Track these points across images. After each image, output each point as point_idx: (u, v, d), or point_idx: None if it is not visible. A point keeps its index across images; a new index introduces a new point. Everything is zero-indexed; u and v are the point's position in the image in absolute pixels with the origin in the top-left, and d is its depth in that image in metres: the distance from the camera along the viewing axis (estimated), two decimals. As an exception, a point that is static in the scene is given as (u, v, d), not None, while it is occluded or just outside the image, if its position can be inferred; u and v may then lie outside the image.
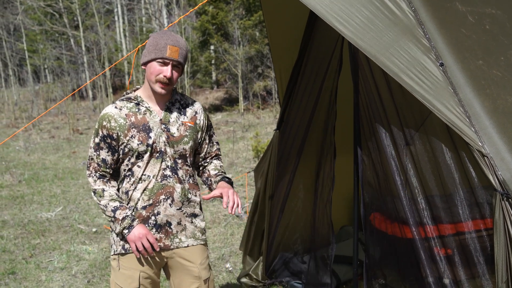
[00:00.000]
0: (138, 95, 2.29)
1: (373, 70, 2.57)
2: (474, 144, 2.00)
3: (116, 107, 2.25)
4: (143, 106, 2.26)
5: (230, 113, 16.04)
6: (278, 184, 3.67)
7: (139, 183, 2.24)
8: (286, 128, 3.61)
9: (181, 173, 2.29)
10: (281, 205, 3.74)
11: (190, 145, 2.30)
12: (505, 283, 1.95)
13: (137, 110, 2.25)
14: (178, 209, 2.27)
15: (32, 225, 5.80)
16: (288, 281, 3.78)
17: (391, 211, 2.77)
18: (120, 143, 2.22)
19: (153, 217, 2.25)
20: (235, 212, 2.18)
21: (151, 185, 2.24)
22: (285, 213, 3.77)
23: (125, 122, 2.22)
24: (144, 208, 2.24)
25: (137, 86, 2.36)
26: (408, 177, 2.50)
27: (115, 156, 2.26)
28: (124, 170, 2.27)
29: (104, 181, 2.26)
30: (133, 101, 2.27)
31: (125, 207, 2.22)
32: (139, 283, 2.26)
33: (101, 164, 2.25)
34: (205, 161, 2.47)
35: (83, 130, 14.85)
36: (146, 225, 2.24)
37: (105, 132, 2.22)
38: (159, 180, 2.24)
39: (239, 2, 16.24)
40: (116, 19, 23.71)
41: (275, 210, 3.73)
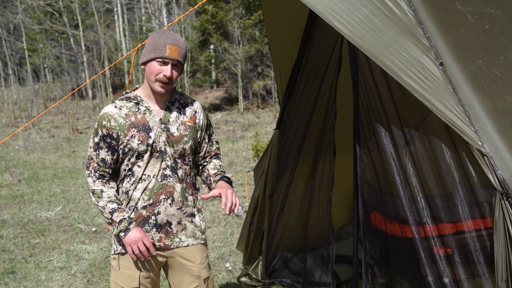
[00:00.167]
0: (138, 94, 2.29)
1: (373, 69, 2.57)
2: (474, 144, 2.00)
3: (115, 107, 2.25)
4: (142, 105, 2.26)
5: (230, 112, 16.05)
6: (277, 183, 3.67)
7: (139, 183, 2.24)
8: (286, 127, 3.61)
9: (181, 172, 2.29)
10: (280, 204, 3.74)
11: (189, 144, 2.30)
12: (505, 282, 1.95)
13: (136, 110, 2.25)
14: (178, 209, 2.28)
15: (32, 225, 5.80)
16: (287, 282, 3.78)
17: (391, 211, 2.77)
18: (120, 142, 2.22)
19: (153, 217, 2.25)
20: (233, 212, 2.18)
21: (151, 185, 2.23)
22: (284, 212, 3.77)
23: (125, 122, 2.22)
24: (144, 208, 2.24)
25: (136, 86, 2.36)
26: (407, 176, 2.50)
27: (114, 156, 2.26)
28: (124, 170, 2.27)
29: (103, 181, 2.26)
30: (132, 100, 2.27)
31: (122, 209, 2.21)
32: (139, 282, 2.26)
33: (100, 164, 2.25)
34: (204, 161, 2.47)
35: (82, 130, 14.85)
36: (146, 225, 2.25)
37: (104, 132, 2.22)
38: (159, 180, 2.24)
39: (239, 1, 16.23)
40: (115, 18, 23.71)
41: (275, 209, 3.73)
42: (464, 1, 2.30)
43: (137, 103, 2.26)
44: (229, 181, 2.35)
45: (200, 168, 2.49)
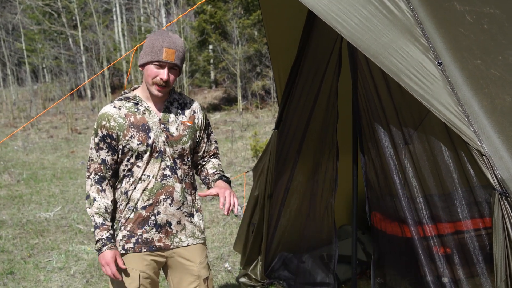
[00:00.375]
0: (137, 94, 2.29)
1: (372, 69, 2.58)
2: (473, 143, 2.00)
3: (115, 107, 2.25)
4: (142, 106, 2.26)
5: (229, 112, 16.05)
6: (277, 183, 3.67)
7: (139, 183, 2.24)
8: (285, 127, 3.61)
9: (180, 172, 2.29)
10: (280, 204, 3.74)
11: (189, 144, 2.30)
12: (504, 282, 1.96)
13: (136, 110, 2.25)
14: (177, 209, 2.28)
15: (31, 225, 5.79)
16: (287, 282, 3.78)
17: (390, 210, 2.77)
18: (119, 143, 2.22)
19: (153, 217, 2.25)
20: (231, 213, 2.18)
21: (151, 185, 2.23)
22: (284, 212, 3.77)
23: (124, 122, 2.22)
24: (144, 208, 2.24)
25: (135, 86, 2.36)
26: (407, 176, 2.50)
27: (115, 156, 2.25)
28: (123, 171, 2.27)
29: (100, 188, 2.25)
30: (131, 100, 2.27)
31: (105, 227, 2.21)
32: (139, 283, 2.26)
33: (101, 165, 2.24)
34: (203, 160, 2.47)
35: (81, 130, 14.83)
36: (146, 225, 2.25)
37: (104, 132, 2.22)
38: (159, 180, 2.24)
39: (237, 1, 16.23)
40: (114, 18, 23.70)
41: (274, 209, 3.73)
42: (462, 1, 2.31)
43: (136, 103, 2.26)
44: (227, 181, 2.35)
45: (199, 167, 2.49)
